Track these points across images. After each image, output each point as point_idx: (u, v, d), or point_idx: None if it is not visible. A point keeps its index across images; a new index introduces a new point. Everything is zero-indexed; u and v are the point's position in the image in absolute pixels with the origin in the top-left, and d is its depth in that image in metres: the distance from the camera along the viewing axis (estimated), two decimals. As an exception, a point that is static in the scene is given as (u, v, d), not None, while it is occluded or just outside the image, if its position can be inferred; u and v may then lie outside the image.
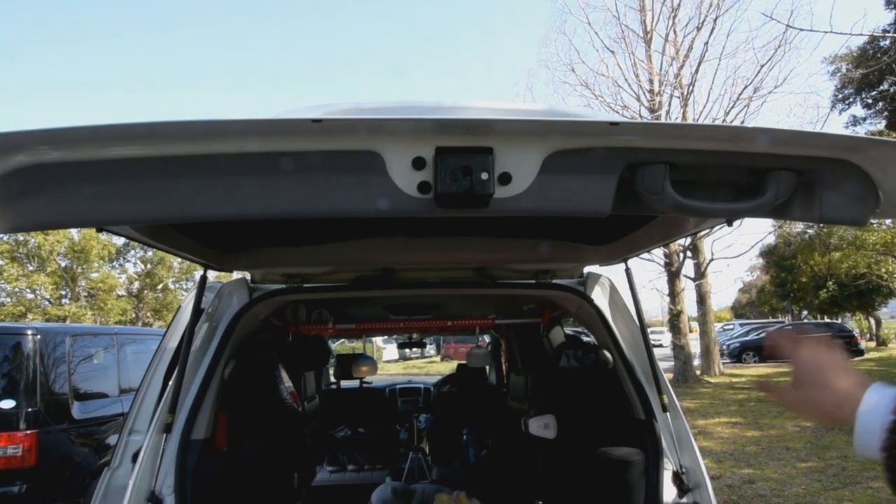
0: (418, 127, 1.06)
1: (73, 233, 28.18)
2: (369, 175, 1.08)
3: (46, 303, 28.15)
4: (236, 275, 2.76)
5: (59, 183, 1.03)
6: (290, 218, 1.10)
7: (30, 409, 4.81)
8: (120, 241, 30.49)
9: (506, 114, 1.10)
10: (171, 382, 2.27)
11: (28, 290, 27.36)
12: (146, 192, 1.05)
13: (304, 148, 1.06)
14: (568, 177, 1.12)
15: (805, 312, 38.99)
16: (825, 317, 33.15)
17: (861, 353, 23.67)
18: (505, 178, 1.10)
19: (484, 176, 1.07)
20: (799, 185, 1.18)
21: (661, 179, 1.12)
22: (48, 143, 0.99)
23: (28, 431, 4.72)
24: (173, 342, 3.12)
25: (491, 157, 1.09)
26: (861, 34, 10.51)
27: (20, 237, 26.75)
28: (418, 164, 1.08)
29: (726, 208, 1.21)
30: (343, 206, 1.08)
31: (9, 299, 27.05)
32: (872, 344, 29.80)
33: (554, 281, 2.74)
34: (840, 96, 19.55)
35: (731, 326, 36.52)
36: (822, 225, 24.43)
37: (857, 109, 19.72)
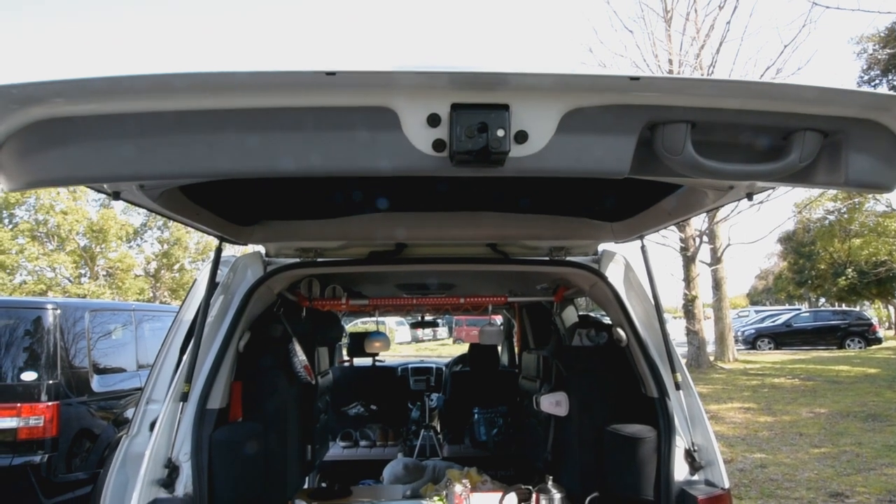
0: (433, 82, 1.04)
1: (92, 212, 28.59)
2: (383, 132, 1.06)
3: (66, 281, 28.69)
4: (251, 248, 2.78)
5: (74, 138, 1.03)
6: (301, 175, 1.09)
7: (51, 382, 4.93)
8: (138, 221, 30.90)
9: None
10: (187, 353, 2.30)
11: (48, 269, 27.90)
12: (156, 147, 1.05)
13: (317, 103, 1.04)
14: (586, 136, 1.10)
15: (823, 300, 38.52)
16: (843, 305, 32.70)
17: (879, 341, 23.37)
18: (521, 137, 1.08)
19: (500, 133, 1.04)
20: (824, 147, 1.14)
21: (681, 139, 1.09)
22: (65, 94, 0.99)
23: (49, 403, 4.84)
24: (189, 314, 3.17)
25: (507, 113, 1.06)
26: (890, 12, 10.16)
27: (40, 216, 27.19)
28: (433, 121, 1.06)
29: (748, 170, 1.17)
30: (356, 164, 1.07)
31: (30, 277, 27.61)
32: (891, 332, 29.38)
33: (568, 258, 2.72)
34: (866, 78, 19.00)
35: (746, 313, 36.19)
36: (843, 211, 23.99)
37: (884, 91, 19.20)
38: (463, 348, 6.24)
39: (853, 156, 1.14)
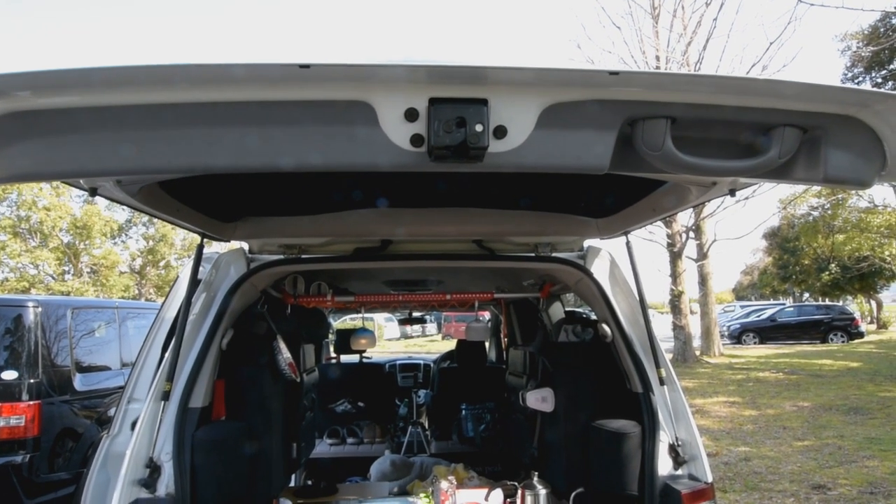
0: (411, 76, 1.02)
1: (76, 208, 28.18)
2: (360, 127, 1.04)
3: (49, 278, 28.29)
4: (235, 245, 2.75)
5: (43, 132, 1.00)
6: (276, 171, 1.07)
7: (32, 381, 4.85)
8: (122, 217, 30.51)
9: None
10: (168, 352, 2.27)
11: (31, 266, 27.48)
12: (126, 142, 1.02)
13: (292, 97, 1.02)
14: (565, 131, 1.09)
15: (807, 295, 39.05)
16: (827, 299, 33.18)
17: (861, 335, 23.74)
18: (500, 132, 1.07)
19: (478, 128, 1.03)
20: (803, 143, 1.15)
21: (661, 135, 1.08)
22: (31, 87, 0.96)
23: (31, 402, 4.77)
24: (171, 312, 3.12)
25: (486, 108, 1.05)
26: (873, 10, 10.27)
27: (22, 212, 26.77)
28: (411, 115, 1.05)
29: (728, 166, 1.17)
30: (332, 160, 1.05)
31: (12, 274, 27.19)
32: (873, 327, 29.84)
33: (553, 254, 2.72)
34: (850, 75, 19.22)
35: (731, 308, 36.59)
36: (827, 207, 24.32)
37: (864, 87, 19.41)
38: (452, 344, 6.24)
39: (832, 152, 1.15)
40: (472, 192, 2.34)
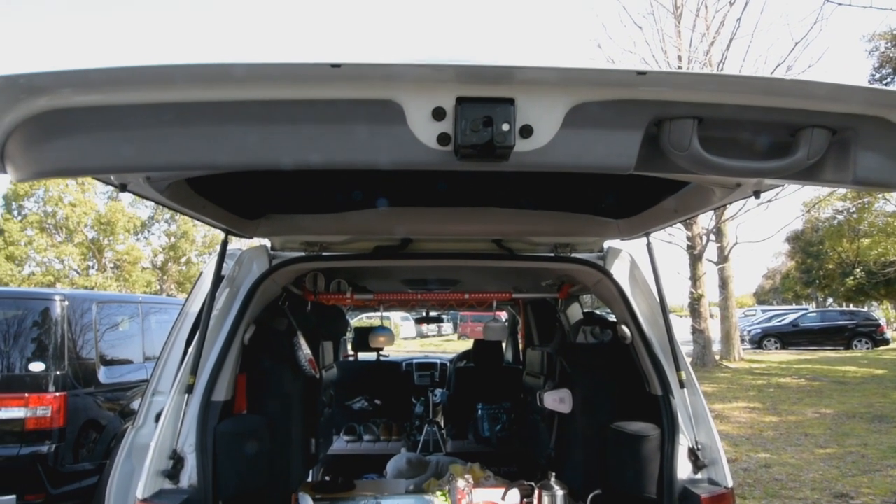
0: (439, 75, 1.04)
1: (100, 205, 28.78)
2: (388, 125, 1.06)
3: (74, 273, 28.92)
4: (257, 242, 2.79)
5: (80, 128, 1.03)
6: (306, 168, 1.09)
7: (58, 373, 4.96)
8: (145, 214, 31.09)
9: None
10: (192, 346, 2.31)
11: (57, 261, 28.14)
12: (162, 138, 1.05)
13: (322, 96, 1.04)
14: (591, 131, 1.09)
15: (830, 300, 38.27)
16: (851, 305, 32.48)
17: (887, 342, 23.20)
18: (526, 131, 1.07)
19: (505, 127, 1.04)
20: (833, 145, 1.13)
21: (688, 135, 1.08)
22: (73, 84, 0.99)
23: (57, 394, 4.88)
24: (195, 307, 3.18)
25: (513, 107, 1.06)
26: (903, 10, 10.02)
27: (49, 208, 27.40)
28: (438, 114, 1.06)
29: (755, 167, 1.16)
30: (361, 157, 1.07)
31: (38, 269, 27.87)
32: (899, 334, 29.16)
33: (573, 255, 2.71)
34: (877, 76, 18.79)
35: (752, 312, 36.00)
36: (852, 210, 23.80)
37: (894, 88, 18.94)
38: (467, 344, 6.25)
39: (861, 153, 1.13)
40: (493, 191, 2.35)
